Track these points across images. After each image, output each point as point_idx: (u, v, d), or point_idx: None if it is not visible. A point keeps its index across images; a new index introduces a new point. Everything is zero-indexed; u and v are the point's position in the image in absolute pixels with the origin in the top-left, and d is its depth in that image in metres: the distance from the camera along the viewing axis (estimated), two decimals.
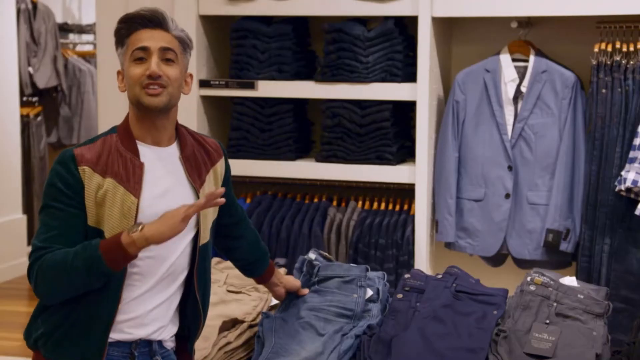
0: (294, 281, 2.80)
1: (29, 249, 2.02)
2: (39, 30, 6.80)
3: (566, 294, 2.69)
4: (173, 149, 2.30)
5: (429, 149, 3.55)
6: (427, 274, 2.96)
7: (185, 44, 2.27)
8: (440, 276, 2.91)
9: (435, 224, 3.59)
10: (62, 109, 7.12)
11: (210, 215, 2.37)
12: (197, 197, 2.28)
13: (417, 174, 3.53)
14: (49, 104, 7.07)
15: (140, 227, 2.09)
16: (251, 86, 3.68)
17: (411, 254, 3.55)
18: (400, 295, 2.81)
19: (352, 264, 2.96)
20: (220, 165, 2.42)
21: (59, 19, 7.34)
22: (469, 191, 3.55)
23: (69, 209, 2.15)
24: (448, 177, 3.54)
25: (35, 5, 6.78)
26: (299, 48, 3.78)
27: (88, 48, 7.46)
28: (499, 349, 2.60)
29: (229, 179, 2.49)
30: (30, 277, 2.17)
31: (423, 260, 3.51)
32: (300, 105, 3.82)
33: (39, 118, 6.88)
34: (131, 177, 2.20)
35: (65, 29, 7.35)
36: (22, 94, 6.70)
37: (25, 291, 6.15)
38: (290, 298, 2.80)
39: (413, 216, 3.59)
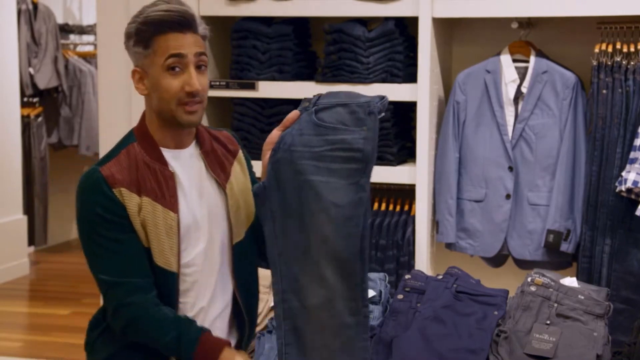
0: None
1: (30, 249, 2.01)
2: (39, 30, 6.80)
3: (567, 295, 2.69)
4: (193, 148, 2.21)
5: (430, 150, 3.55)
6: (427, 274, 2.97)
7: (207, 39, 2.17)
8: (440, 277, 2.92)
9: (435, 224, 3.59)
10: (63, 110, 7.12)
11: (242, 210, 2.24)
12: (224, 192, 2.20)
13: (418, 174, 3.53)
14: (49, 104, 7.07)
15: None
16: (252, 87, 3.68)
17: (412, 255, 3.55)
18: (400, 296, 2.81)
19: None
20: (241, 155, 2.32)
21: (60, 20, 7.34)
22: (470, 192, 3.55)
23: (123, 234, 2.06)
24: (448, 177, 3.54)
25: (35, 6, 6.79)
26: (300, 49, 3.78)
27: (89, 49, 7.47)
28: (500, 350, 2.60)
29: (251, 168, 2.37)
30: (114, 320, 2.10)
31: (423, 260, 3.51)
32: None
33: (40, 119, 6.88)
34: (165, 190, 2.11)
35: (66, 29, 7.36)
36: (22, 94, 6.70)
37: (26, 292, 6.15)
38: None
39: (413, 217, 3.59)
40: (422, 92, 3.50)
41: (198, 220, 2.14)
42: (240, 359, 2.08)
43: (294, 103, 3.73)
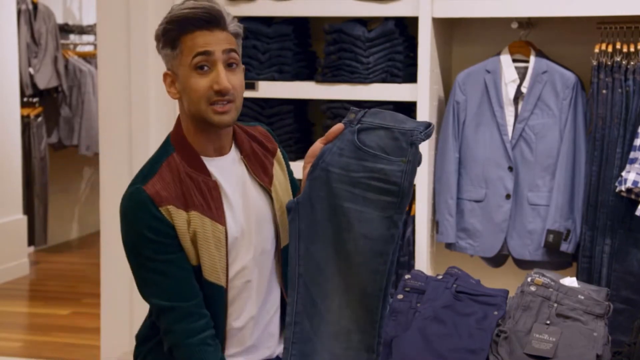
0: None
1: (30, 249, 1.99)
2: (39, 30, 6.80)
3: (567, 295, 2.69)
4: (233, 153, 2.12)
5: (430, 150, 3.55)
6: (427, 274, 2.96)
7: (240, 37, 2.06)
8: (440, 277, 2.92)
9: (435, 224, 3.59)
10: (63, 110, 7.12)
11: (285, 213, 2.12)
12: (270, 196, 2.13)
13: (418, 174, 3.52)
14: (49, 104, 7.07)
15: None
16: (251, 87, 3.68)
17: (412, 255, 3.55)
18: (400, 296, 2.81)
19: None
20: (279, 154, 2.22)
21: (60, 20, 7.34)
22: (470, 192, 3.55)
23: (170, 256, 1.98)
24: (448, 177, 3.54)
25: (35, 6, 6.78)
26: (300, 49, 3.78)
27: (89, 49, 7.46)
28: (500, 350, 2.60)
29: (288, 165, 2.25)
30: (165, 340, 2.04)
31: (423, 260, 3.51)
32: (300, 106, 3.82)
33: (40, 119, 6.88)
34: (211, 202, 2.02)
35: (65, 29, 7.35)
36: (22, 94, 6.70)
37: (26, 292, 6.15)
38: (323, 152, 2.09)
39: (413, 217, 3.59)
40: (422, 92, 3.50)
41: (244, 230, 2.08)
42: None
43: (294, 103, 3.76)
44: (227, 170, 2.10)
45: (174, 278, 1.98)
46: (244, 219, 2.09)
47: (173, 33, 1.99)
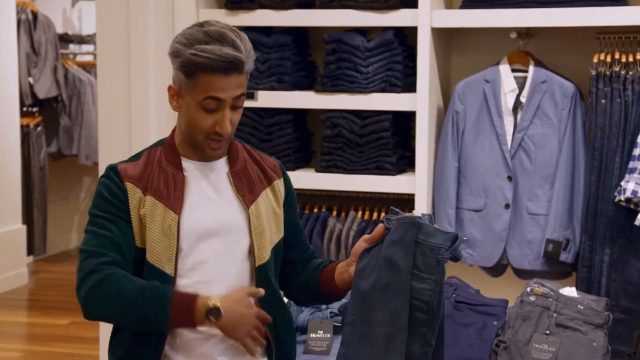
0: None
1: (29, 259, 1.99)
2: (39, 40, 6.81)
3: (566, 305, 2.68)
4: (221, 164, 2.18)
5: (429, 159, 3.55)
6: None
7: (250, 71, 2.11)
8: None
9: None
10: (62, 119, 7.13)
11: (266, 232, 2.17)
12: (247, 214, 2.15)
13: (417, 184, 3.53)
14: (49, 114, 7.08)
15: (216, 316, 1.98)
16: (251, 96, 3.68)
17: None
18: None
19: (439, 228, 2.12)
20: (279, 185, 2.24)
21: (59, 30, 7.35)
22: (469, 201, 3.55)
23: (117, 218, 2.07)
24: (448, 187, 3.54)
25: (35, 16, 6.80)
26: (299, 58, 3.78)
27: (88, 58, 7.48)
28: None
29: (293, 204, 2.29)
30: (82, 285, 2.07)
31: None
32: (300, 115, 3.83)
33: (39, 128, 6.89)
34: (172, 192, 2.10)
35: (65, 39, 7.37)
36: (22, 104, 6.71)
37: (25, 302, 6.15)
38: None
39: None
40: (421, 101, 3.50)
41: (209, 229, 2.11)
42: (215, 299, 2.01)
43: (293, 112, 3.76)
44: (208, 174, 2.16)
45: (112, 235, 2.05)
46: (210, 220, 2.12)
47: (192, 67, 2.03)
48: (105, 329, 3.81)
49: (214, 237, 2.13)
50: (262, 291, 2.10)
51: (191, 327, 2.05)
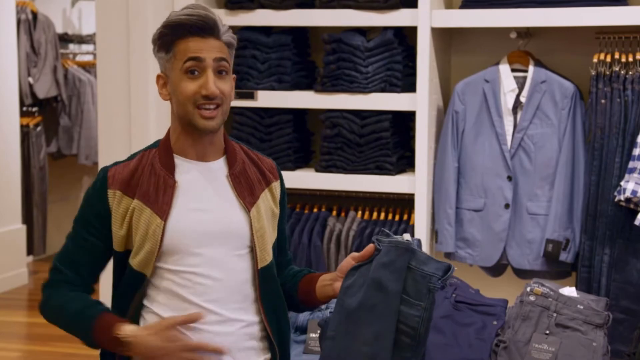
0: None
1: (29, 259, 2.02)
2: (39, 40, 6.81)
3: (566, 305, 2.68)
4: (220, 165, 2.15)
5: (429, 159, 3.55)
6: None
7: (233, 47, 2.13)
8: None
9: (434, 234, 3.59)
10: (62, 119, 7.13)
11: (267, 234, 2.17)
12: (249, 216, 2.13)
13: (417, 184, 3.53)
14: (48, 114, 7.08)
15: (127, 348, 2.02)
16: (251, 96, 3.68)
17: None
18: None
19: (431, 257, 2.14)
20: (275, 187, 2.24)
21: (59, 29, 7.35)
22: (469, 201, 3.55)
23: (92, 238, 2.11)
24: (448, 187, 3.54)
25: (35, 16, 6.80)
26: (299, 58, 3.78)
27: (88, 58, 7.48)
28: None
29: (284, 207, 2.28)
30: (42, 294, 2.19)
31: None
32: (299, 115, 3.83)
33: (39, 128, 6.89)
34: (161, 197, 2.07)
35: (65, 39, 7.37)
36: (22, 104, 6.71)
37: (25, 302, 6.15)
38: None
39: (413, 226, 3.59)
40: (421, 101, 3.50)
41: (201, 232, 2.08)
42: (132, 328, 2.04)
43: (293, 112, 3.76)
44: (206, 176, 2.13)
45: (81, 254, 2.12)
46: (203, 224, 2.10)
47: (168, 37, 2.07)
48: None
49: (213, 241, 2.11)
50: (196, 317, 2.04)
51: (120, 353, 2.09)
